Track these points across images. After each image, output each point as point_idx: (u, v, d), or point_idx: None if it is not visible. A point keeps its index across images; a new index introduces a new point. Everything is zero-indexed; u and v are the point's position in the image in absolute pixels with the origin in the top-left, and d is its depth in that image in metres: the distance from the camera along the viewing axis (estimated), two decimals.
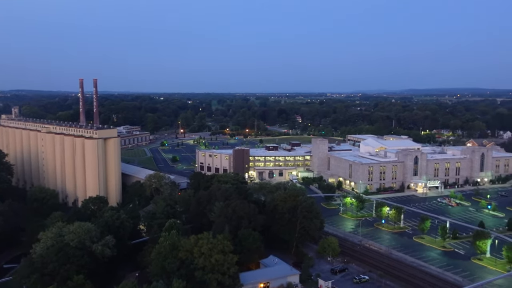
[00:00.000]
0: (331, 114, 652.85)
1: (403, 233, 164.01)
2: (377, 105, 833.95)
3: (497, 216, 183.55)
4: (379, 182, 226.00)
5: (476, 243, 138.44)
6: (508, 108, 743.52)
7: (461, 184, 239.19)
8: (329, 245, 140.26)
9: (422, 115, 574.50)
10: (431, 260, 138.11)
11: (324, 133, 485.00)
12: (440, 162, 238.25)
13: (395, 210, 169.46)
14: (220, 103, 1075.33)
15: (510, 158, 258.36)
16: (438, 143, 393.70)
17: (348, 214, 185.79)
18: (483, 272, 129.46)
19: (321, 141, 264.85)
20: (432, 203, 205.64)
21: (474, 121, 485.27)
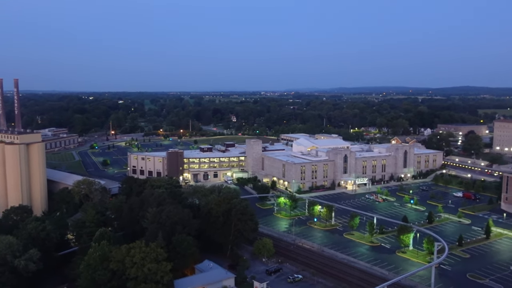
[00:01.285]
0: (265, 113, 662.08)
1: (334, 230, 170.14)
2: (309, 104, 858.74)
3: (419, 210, 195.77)
4: (311, 181, 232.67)
5: (400, 237, 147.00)
6: (428, 105, 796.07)
7: (387, 180, 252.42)
8: (263, 246, 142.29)
9: (351, 113, 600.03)
10: (360, 255, 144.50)
11: (259, 133, 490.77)
12: (367, 160, 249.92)
13: (327, 208, 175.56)
14: (153, 102, 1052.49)
15: (430, 154, 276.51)
16: (366, 140, 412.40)
17: (282, 214, 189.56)
18: (406, 264, 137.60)
19: (255, 141, 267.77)
20: (361, 199, 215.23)
21: (398, 119, 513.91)
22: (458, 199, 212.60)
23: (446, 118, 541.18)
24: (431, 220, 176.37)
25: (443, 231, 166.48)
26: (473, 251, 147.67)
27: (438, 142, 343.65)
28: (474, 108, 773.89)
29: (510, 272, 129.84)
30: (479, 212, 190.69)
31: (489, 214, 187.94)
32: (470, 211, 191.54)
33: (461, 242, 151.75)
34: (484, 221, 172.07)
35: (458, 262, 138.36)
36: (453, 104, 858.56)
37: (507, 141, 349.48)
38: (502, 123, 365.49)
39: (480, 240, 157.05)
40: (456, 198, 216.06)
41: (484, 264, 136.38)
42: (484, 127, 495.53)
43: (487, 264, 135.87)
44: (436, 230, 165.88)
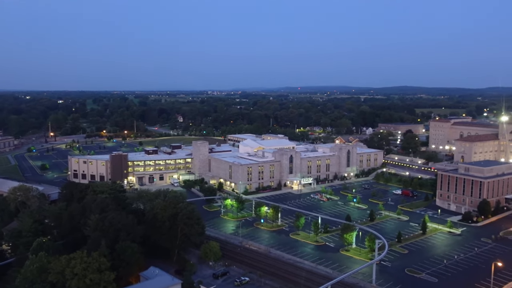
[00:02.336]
0: (212, 113, 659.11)
1: (281, 231, 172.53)
2: (256, 104, 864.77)
3: (361, 208, 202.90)
4: (258, 182, 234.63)
5: (344, 236, 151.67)
6: (369, 105, 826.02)
7: (331, 179, 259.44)
8: (210, 250, 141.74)
9: (297, 113, 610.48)
10: (306, 255, 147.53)
11: (206, 133, 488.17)
12: (312, 160, 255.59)
13: (273, 209, 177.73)
14: (95, 102, 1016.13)
15: (371, 154, 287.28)
16: (311, 140, 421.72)
17: (229, 216, 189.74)
18: (350, 262, 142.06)
19: (202, 143, 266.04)
20: (306, 199, 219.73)
21: (342, 119, 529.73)
22: (398, 197, 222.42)
23: (387, 118, 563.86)
24: (373, 218, 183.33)
25: (384, 228, 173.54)
26: (411, 246, 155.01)
27: (379, 141, 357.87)
28: (412, 107, 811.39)
29: (444, 266, 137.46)
30: (417, 209, 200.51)
31: (426, 210, 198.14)
32: (408, 208, 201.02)
33: (400, 239, 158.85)
34: (421, 217, 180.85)
35: (397, 258, 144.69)
36: (393, 104, 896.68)
37: (441, 139, 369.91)
38: (437, 123, 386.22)
39: (417, 236, 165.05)
40: (395, 195, 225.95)
41: (421, 259, 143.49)
42: (421, 126, 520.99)
43: (424, 259, 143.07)
44: (377, 228, 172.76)
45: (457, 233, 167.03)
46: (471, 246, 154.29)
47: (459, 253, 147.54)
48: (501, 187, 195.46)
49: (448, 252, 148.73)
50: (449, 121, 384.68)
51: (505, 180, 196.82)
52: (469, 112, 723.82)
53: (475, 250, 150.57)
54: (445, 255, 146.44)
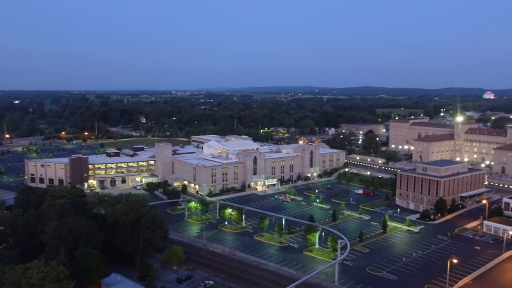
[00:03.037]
0: (176, 113, 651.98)
1: (245, 233, 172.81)
2: (220, 104, 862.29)
3: (324, 208, 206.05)
4: (222, 183, 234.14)
5: (307, 237, 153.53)
6: (332, 105, 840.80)
7: (294, 180, 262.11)
8: (174, 254, 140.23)
9: (261, 113, 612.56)
10: (270, 256, 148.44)
11: (169, 134, 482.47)
12: (276, 161, 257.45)
13: (237, 210, 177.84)
14: (54, 102, 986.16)
15: (334, 154, 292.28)
16: (275, 141, 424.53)
17: (193, 218, 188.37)
18: (313, 262, 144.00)
19: (165, 145, 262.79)
20: (270, 200, 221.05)
21: (305, 119, 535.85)
22: (359, 196, 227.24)
23: (349, 118, 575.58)
24: (335, 218, 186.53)
25: (346, 228, 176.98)
26: (372, 245, 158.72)
27: (341, 141, 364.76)
28: (373, 107, 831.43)
29: (404, 264, 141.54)
30: (378, 208, 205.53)
31: (386, 209, 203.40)
32: (370, 207, 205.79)
33: (362, 238, 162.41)
34: (382, 216, 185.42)
35: (359, 257, 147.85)
36: (354, 104, 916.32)
37: (400, 139, 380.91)
38: (396, 123, 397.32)
39: (378, 235, 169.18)
40: (357, 195, 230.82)
41: (382, 257, 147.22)
42: (382, 126, 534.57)
43: (384, 257, 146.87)
44: (340, 227, 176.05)
45: (415, 231, 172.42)
46: (429, 243, 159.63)
47: (417, 251, 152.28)
48: (456, 186, 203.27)
49: (407, 250, 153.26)
50: (407, 121, 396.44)
51: (460, 179, 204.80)
52: (427, 112, 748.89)
53: (432, 247, 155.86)
54: (404, 253, 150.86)
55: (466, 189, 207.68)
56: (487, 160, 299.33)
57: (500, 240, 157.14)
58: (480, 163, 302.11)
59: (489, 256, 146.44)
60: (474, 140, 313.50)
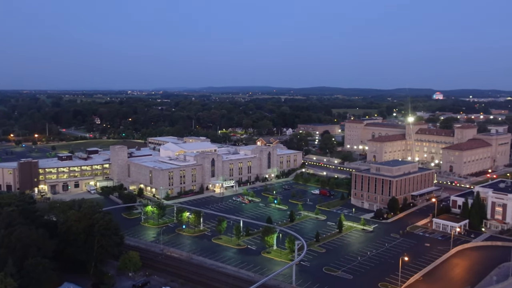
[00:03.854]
0: (132, 114, 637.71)
1: (203, 236, 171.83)
2: (178, 104, 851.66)
3: (282, 209, 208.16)
4: (179, 186, 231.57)
5: (265, 238, 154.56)
6: (289, 105, 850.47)
7: (252, 181, 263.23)
8: (130, 260, 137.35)
9: (219, 114, 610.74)
10: (228, 259, 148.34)
11: (125, 136, 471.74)
12: (234, 163, 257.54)
13: (195, 213, 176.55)
14: (2, 103, 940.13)
15: (291, 155, 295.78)
16: (233, 142, 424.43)
17: (150, 223, 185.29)
18: (271, 264, 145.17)
19: (120, 148, 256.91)
20: (228, 202, 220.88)
21: (263, 120, 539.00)
22: (316, 196, 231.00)
23: (305, 118, 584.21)
24: (293, 219, 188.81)
25: (303, 229, 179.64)
26: (328, 245, 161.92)
27: (298, 142, 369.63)
28: (329, 108, 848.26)
29: (358, 262, 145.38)
30: (334, 208, 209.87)
31: (342, 209, 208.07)
32: (326, 208, 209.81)
33: (318, 238, 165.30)
34: (337, 216, 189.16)
35: (316, 257, 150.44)
36: (311, 104, 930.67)
37: (355, 140, 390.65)
38: (351, 124, 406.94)
39: (334, 235, 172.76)
40: (314, 195, 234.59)
41: (338, 257, 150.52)
42: (337, 126, 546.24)
43: (340, 257, 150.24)
44: (297, 228, 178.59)
45: (369, 230, 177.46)
46: (382, 242, 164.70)
47: (371, 249, 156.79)
48: (408, 185, 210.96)
49: (362, 249, 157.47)
50: (362, 122, 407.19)
51: (411, 178, 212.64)
52: (380, 112, 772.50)
53: (386, 245, 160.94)
54: (359, 252, 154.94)
55: (417, 188, 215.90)
56: (436, 159, 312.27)
57: (448, 237, 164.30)
58: (429, 162, 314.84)
59: (438, 252, 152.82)
60: (424, 140, 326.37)
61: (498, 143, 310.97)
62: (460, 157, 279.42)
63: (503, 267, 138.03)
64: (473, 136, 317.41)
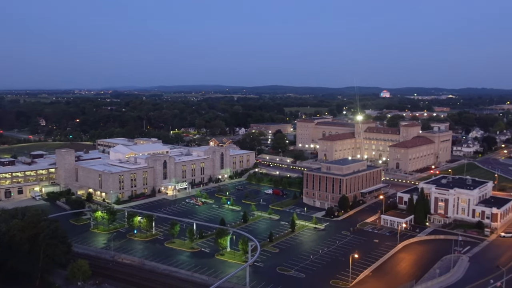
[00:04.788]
0: (79, 115, 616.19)
1: (155, 240, 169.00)
2: (128, 104, 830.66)
3: (235, 210, 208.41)
4: (130, 190, 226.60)
5: (218, 241, 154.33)
6: (242, 105, 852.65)
7: (206, 182, 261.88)
8: (79, 269, 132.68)
9: (171, 114, 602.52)
10: (181, 263, 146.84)
11: (72, 138, 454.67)
12: (187, 164, 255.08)
13: (147, 218, 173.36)
14: None
15: (244, 155, 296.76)
16: (185, 142, 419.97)
17: (100, 228, 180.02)
18: (225, 266, 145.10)
19: (67, 151, 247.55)
20: (181, 204, 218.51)
21: (216, 120, 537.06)
22: (269, 196, 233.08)
23: (258, 118, 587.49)
24: (246, 219, 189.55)
25: (257, 229, 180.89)
26: (281, 245, 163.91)
27: (251, 141, 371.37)
28: (282, 106, 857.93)
29: (311, 261, 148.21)
30: (286, 207, 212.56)
31: (294, 208, 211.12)
32: (279, 207, 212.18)
33: (272, 238, 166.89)
34: (290, 215, 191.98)
35: (269, 258, 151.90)
36: (264, 103, 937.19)
37: (307, 138, 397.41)
38: (302, 123, 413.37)
39: (287, 234, 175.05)
40: (267, 195, 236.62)
41: (291, 256, 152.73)
42: (289, 125, 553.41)
43: (293, 256, 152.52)
44: (251, 229, 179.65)
45: (321, 228, 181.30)
46: (333, 239, 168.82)
47: (323, 247, 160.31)
48: (357, 183, 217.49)
49: (314, 248, 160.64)
50: (313, 121, 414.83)
51: (360, 176, 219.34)
52: (331, 110, 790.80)
53: (337, 243, 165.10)
54: (312, 250, 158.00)
55: (365, 186, 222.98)
56: (384, 157, 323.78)
57: (395, 232, 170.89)
58: (378, 159, 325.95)
59: (386, 248, 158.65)
60: (372, 138, 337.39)
61: (441, 140, 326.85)
62: (406, 154, 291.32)
63: (445, 260, 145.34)
64: (418, 134, 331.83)
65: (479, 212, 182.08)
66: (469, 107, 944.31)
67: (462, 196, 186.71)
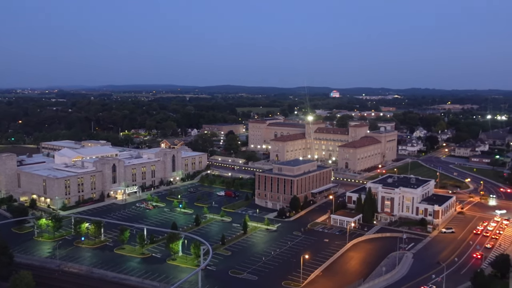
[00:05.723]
0: (22, 116, 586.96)
1: (104, 247, 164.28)
2: (75, 104, 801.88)
3: (187, 213, 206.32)
4: (77, 195, 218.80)
5: (170, 246, 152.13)
6: (194, 105, 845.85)
7: (157, 185, 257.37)
8: (21, 280, 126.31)
9: (120, 114, 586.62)
10: (132, 270, 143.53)
11: (14, 141, 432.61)
12: (137, 167, 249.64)
13: (95, 224, 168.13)
14: None
15: (196, 157, 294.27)
16: (135, 144, 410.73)
17: (45, 237, 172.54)
18: (177, 271, 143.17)
19: (8, 156, 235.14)
20: (131, 209, 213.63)
21: (167, 121, 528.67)
22: (221, 198, 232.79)
23: (210, 118, 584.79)
24: (198, 223, 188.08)
25: (209, 232, 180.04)
26: (234, 247, 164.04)
27: (203, 143, 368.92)
28: (234, 106, 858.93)
29: (263, 263, 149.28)
30: (239, 209, 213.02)
31: (247, 209, 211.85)
32: (231, 209, 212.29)
33: (224, 241, 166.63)
34: (242, 217, 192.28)
35: (222, 261, 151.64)
36: (216, 103, 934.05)
37: (259, 139, 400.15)
38: (254, 124, 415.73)
39: (239, 236, 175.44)
40: (219, 197, 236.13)
41: (243, 258, 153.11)
42: (242, 125, 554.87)
43: (245, 258, 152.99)
44: (203, 232, 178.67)
45: (273, 229, 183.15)
46: (285, 240, 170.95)
47: (275, 249, 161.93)
48: (308, 183, 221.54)
49: (266, 249, 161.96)
50: (265, 122, 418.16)
51: (310, 176, 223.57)
52: (282, 110, 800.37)
53: (288, 243, 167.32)
54: (264, 252, 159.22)
55: (316, 186, 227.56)
56: (333, 157, 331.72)
57: (344, 231, 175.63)
58: (328, 159, 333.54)
59: (336, 247, 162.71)
60: (322, 138, 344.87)
61: (387, 140, 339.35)
62: (354, 154, 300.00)
63: (391, 257, 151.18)
64: (366, 134, 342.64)
65: (422, 209, 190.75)
66: (414, 107, 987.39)
67: (407, 195, 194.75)
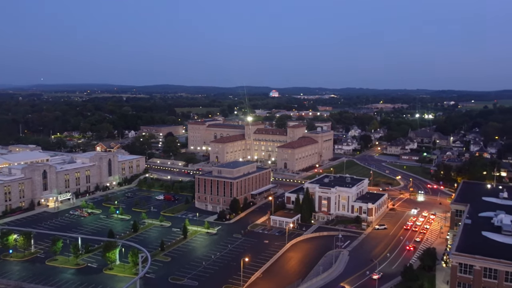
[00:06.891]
0: None
1: (35, 259, 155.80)
2: (1, 105, 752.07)
3: (125, 219, 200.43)
4: (4, 204, 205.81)
5: (106, 254, 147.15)
6: (132, 105, 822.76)
7: (92, 191, 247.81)
8: None
9: (52, 116, 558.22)
10: (65, 282, 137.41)
11: None
12: (70, 173, 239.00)
13: (23, 235, 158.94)
14: None
15: (133, 160, 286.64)
16: (68, 148, 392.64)
17: None
18: (114, 281, 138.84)
19: None
20: (65, 217, 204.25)
21: (103, 123, 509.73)
22: (160, 202, 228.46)
23: (149, 120, 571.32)
24: (136, 229, 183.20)
25: (148, 238, 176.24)
26: (173, 253, 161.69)
27: (141, 145, 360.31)
28: (173, 107, 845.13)
29: (203, 267, 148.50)
30: (178, 213, 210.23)
31: (186, 213, 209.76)
32: (171, 213, 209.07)
33: (163, 247, 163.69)
34: (182, 221, 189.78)
35: (161, 267, 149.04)
36: (155, 104, 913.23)
37: (198, 141, 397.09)
38: (194, 125, 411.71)
39: (179, 241, 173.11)
40: (158, 201, 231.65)
41: (183, 264, 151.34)
42: (181, 127, 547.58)
43: (185, 264, 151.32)
44: (141, 238, 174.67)
45: (213, 232, 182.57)
46: (225, 243, 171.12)
47: (215, 252, 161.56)
48: (247, 185, 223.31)
49: (206, 253, 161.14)
50: (204, 123, 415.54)
51: (250, 178, 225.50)
52: (222, 111, 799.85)
53: (229, 246, 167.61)
54: (204, 256, 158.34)
55: (256, 187, 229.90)
56: (272, 157, 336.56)
57: (284, 232, 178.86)
58: (267, 160, 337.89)
59: (275, 248, 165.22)
60: (261, 139, 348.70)
61: (323, 139, 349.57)
62: (293, 155, 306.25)
63: (328, 256, 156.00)
64: (303, 134, 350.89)
65: (357, 207, 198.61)
66: (349, 106, 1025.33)
67: (343, 194, 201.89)
